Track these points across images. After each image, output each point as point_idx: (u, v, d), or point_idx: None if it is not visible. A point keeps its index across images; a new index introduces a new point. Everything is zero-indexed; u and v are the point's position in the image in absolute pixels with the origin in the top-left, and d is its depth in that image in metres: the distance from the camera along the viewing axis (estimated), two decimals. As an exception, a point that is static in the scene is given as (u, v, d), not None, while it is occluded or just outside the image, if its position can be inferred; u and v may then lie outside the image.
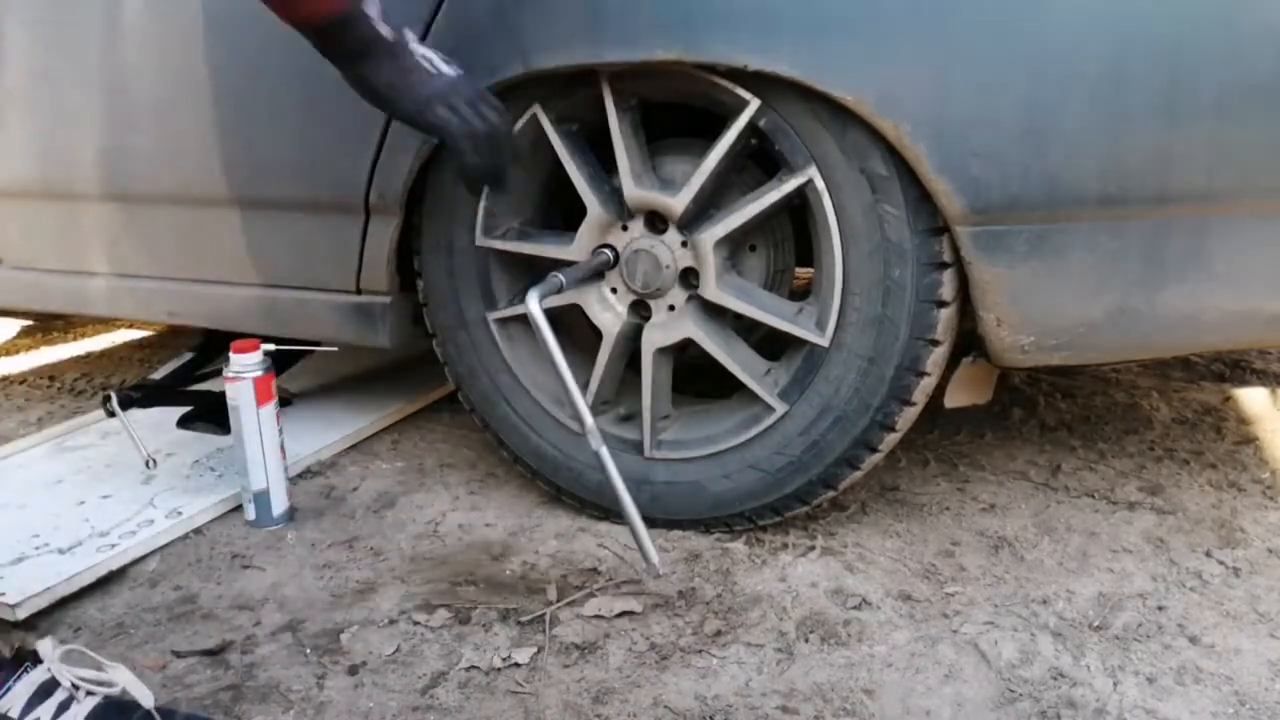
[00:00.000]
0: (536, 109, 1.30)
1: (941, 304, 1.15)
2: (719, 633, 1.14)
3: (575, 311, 1.40)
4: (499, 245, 1.39)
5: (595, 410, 1.36)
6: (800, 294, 1.32)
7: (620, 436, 1.38)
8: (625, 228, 1.32)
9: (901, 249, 1.14)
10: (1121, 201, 1.05)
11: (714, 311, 1.31)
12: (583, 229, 1.34)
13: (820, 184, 1.17)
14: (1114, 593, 1.19)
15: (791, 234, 1.41)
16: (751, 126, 1.18)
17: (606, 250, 1.32)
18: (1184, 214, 1.06)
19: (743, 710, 1.01)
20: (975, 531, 1.35)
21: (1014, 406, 1.77)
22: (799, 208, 1.26)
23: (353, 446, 1.74)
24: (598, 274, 1.34)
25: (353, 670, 1.10)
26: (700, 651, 1.11)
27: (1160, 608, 1.16)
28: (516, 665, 1.10)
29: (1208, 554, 1.28)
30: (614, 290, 1.36)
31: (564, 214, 1.48)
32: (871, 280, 1.17)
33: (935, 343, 1.17)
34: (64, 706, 0.91)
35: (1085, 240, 1.08)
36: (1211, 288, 1.09)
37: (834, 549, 1.31)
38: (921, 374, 1.19)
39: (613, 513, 1.40)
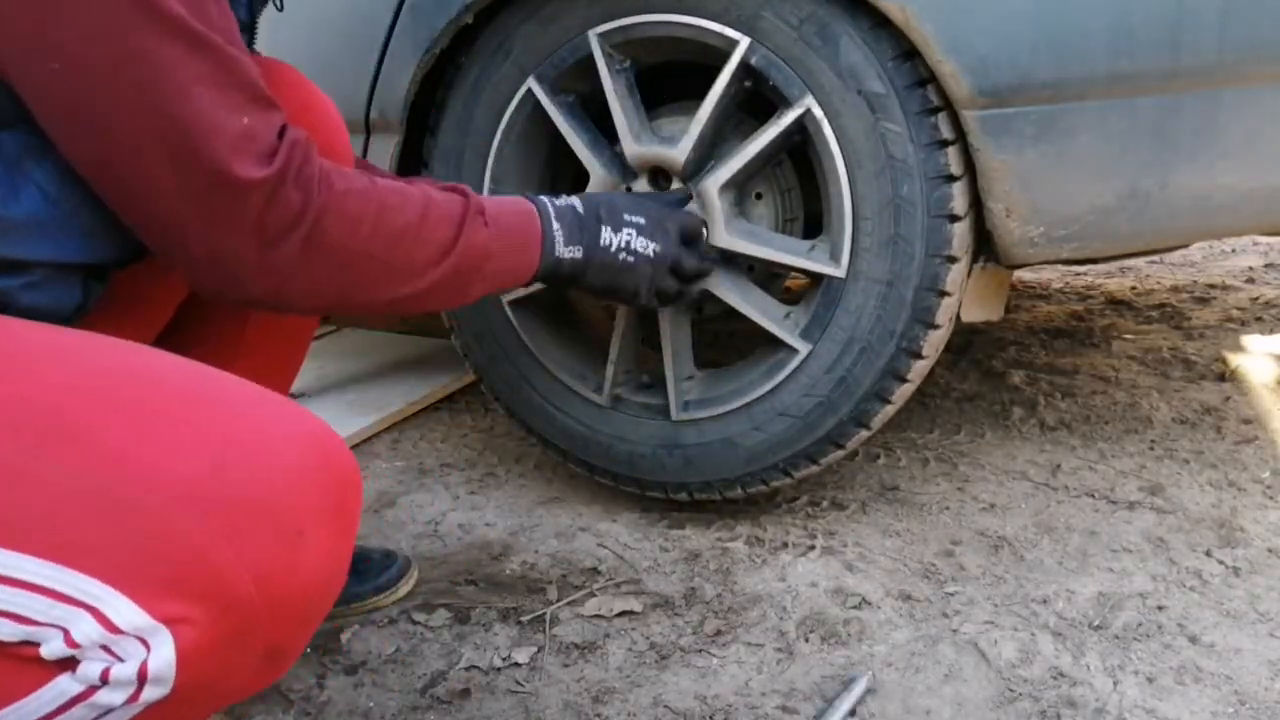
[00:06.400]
0: (531, 83, 1.31)
1: (954, 218, 1.15)
2: (719, 632, 1.14)
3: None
4: None
5: (617, 381, 1.36)
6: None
7: (645, 403, 1.37)
8: (629, 189, 1.33)
9: (907, 165, 1.14)
10: (1131, 77, 1.04)
11: (727, 260, 1.31)
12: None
13: (819, 112, 1.17)
14: (1114, 592, 1.19)
15: (797, 183, 1.40)
16: (744, 66, 1.19)
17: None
18: (1196, 88, 1.05)
19: (743, 710, 1.01)
20: (975, 531, 1.35)
21: (1014, 406, 1.77)
22: (801, 151, 1.26)
23: (353, 446, 1.74)
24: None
25: (352, 670, 1.10)
26: (700, 651, 1.11)
27: (1160, 607, 1.16)
28: (516, 665, 1.10)
29: (1208, 554, 1.28)
30: None
31: (570, 191, 1.49)
32: (881, 201, 1.16)
33: (952, 259, 1.16)
34: None
35: (1094, 120, 1.07)
36: (1225, 166, 1.08)
37: (834, 548, 1.31)
38: (942, 293, 1.17)
39: (648, 484, 1.38)
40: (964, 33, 1.06)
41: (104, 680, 0.61)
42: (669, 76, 1.38)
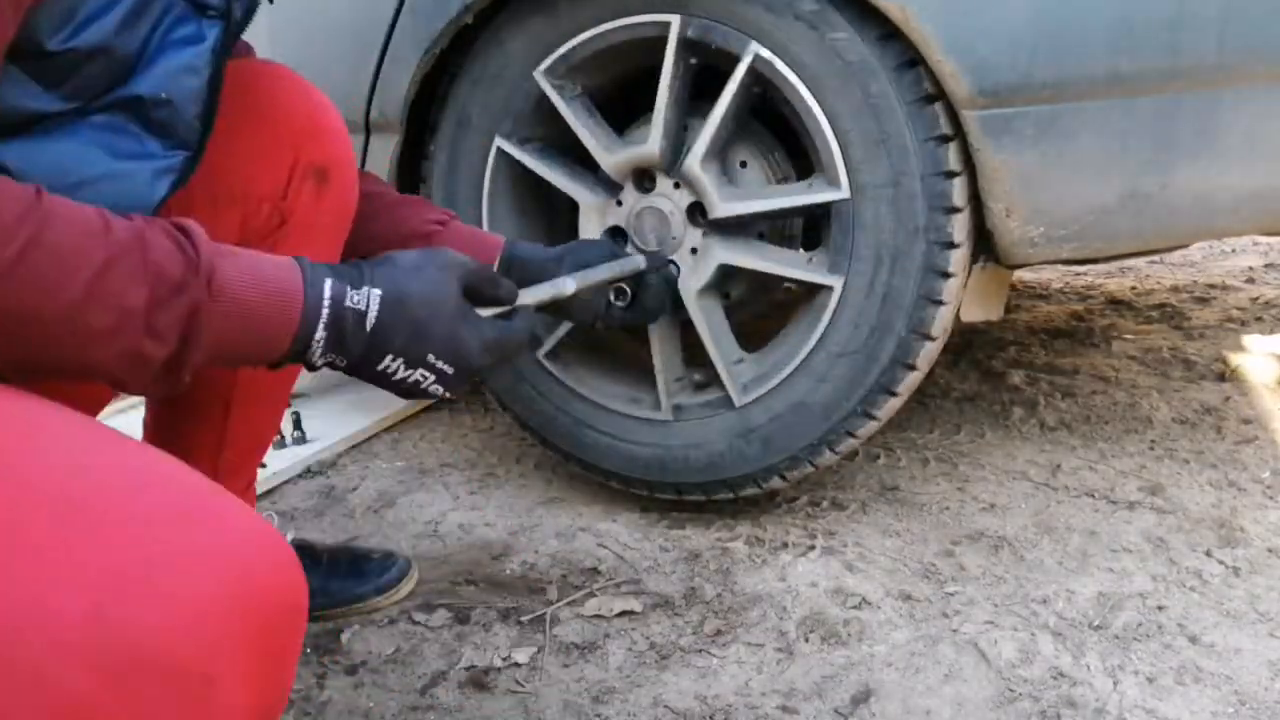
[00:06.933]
0: (499, 142, 1.37)
1: (931, 98, 1.13)
2: (719, 632, 1.14)
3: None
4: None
5: (672, 390, 1.36)
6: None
7: (706, 402, 1.35)
8: (619, 203, 1.35)
9: (866, 64, 1.14)
10: (1131, 77, 1.05)
11: (734, 231, 1.31)
12: (581, 219, 1.36)
13: (766, 53, 1.18)
14: (1114, 592, 1.19)
15: (777, 143, 1.40)
16: (686, 44, 1.22)
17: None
18: (1196, 88, 1.05)
19: (743, 710, 1.01)
20: (975, 531, 1.35)
21: (1014, 406, 1.77)
22: (779, 117, 1.27)
23: (353, 446, 1.74)
24: None
25: (352, 670, 1.10)
26: (700, 651, 1.11)
27: (1160, 607, 1.16)
28: (516, 665, 1.10)
29: (1208, 554, 1.28)
30: None
31: (567, 227, 1.50)
32: (854, 107, 1.16)
33: (946, 138, 1.14)
34: None
35: (1094, 121, 1.07)
36: (1225, 166, 1.08)
37: (834, 548, 1.31)
38: (951, 174, 1.15)
39: (738, 483, 1.34)
40: (964, 32, 1.07)
41: None
42: (639, 109, 1.40)
